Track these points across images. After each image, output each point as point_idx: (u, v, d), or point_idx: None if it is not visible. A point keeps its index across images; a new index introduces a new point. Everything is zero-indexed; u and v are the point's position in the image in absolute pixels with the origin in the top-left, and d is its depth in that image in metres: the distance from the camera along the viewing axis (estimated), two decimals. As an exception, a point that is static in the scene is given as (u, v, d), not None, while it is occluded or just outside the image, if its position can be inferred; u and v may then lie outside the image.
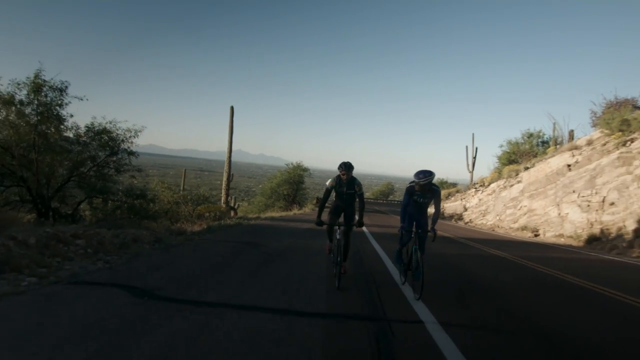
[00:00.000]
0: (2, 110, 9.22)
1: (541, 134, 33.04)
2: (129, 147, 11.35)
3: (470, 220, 32.03)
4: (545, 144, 32.90)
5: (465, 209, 34.80)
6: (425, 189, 5.84)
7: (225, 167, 27.01)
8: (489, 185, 32.17)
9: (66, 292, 4.84)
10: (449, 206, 38.87)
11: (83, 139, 10.61)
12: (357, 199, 6.34)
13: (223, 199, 25.94)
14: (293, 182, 34.81)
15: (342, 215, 6.42)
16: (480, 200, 32.16)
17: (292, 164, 35.93)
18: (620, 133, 17.95)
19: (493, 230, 25.28)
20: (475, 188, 35.00)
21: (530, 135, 33.24)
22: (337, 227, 6.21)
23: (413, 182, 5.93)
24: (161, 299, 4.74)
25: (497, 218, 27.67)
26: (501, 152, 34.58)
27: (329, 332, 4.01)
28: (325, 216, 6.40)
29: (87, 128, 10.63)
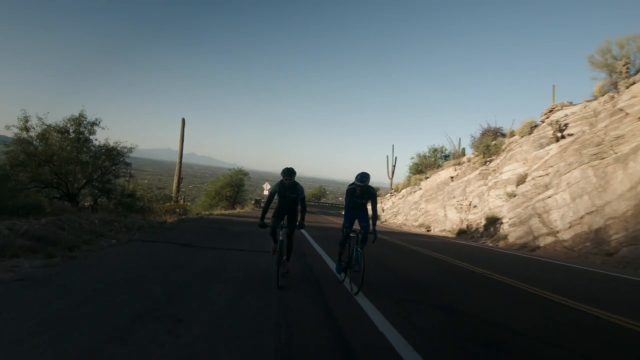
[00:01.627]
0: (55, 136, 13.20)
1: (443, 149, 40.13)
2: (125, 159, 15.55)
3: (385, 219, 38.36)
4: (447, 157, 40.02)
5: (383, 210, 41.19)
6: (364, 190, 6.33)
7: (176, 171, 30.88)
8: (400, 190, 38.73)
9: (143, 245, 9.45)
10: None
11: (99, 154, 14.65)
12: (299, 202, 6.58)
13: (174, 200, 29.89)
14: (235, 185, 39.22)
15: (285, 217, 6.62)
16: (393, 203, 38.60)
17: (234, 168, 40.40)
18: (482, 155, 24.66)
19: (401, 227, 31.49)
20: (391, 193, 41.50)
21: (435, 150, 40.26)
22: (280, 229, 6.42)
23: (354, 184, 6.40)
24: (194, 247, 9.54)
25: (405, 218, 34.09)
26: (412, 163, 41.33)
27: (271, 259, 9.00)
28: (269, 218, 6.69)
29: (100, 147, 14.73)
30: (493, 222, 20.72)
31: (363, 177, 6.22)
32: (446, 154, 40.36)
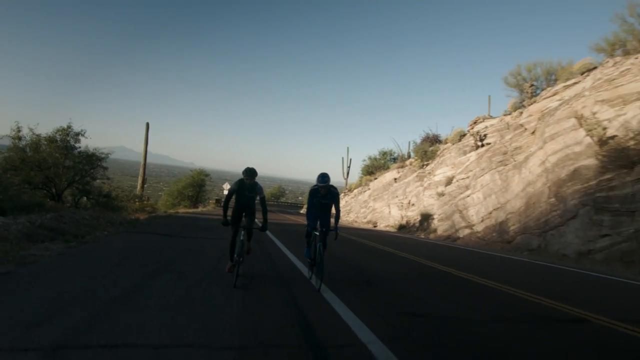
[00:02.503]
0: (45, 144, 15.07)
1: (392, 152, 43.66)
2: (102, 164, 17.52)
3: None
4: (395, 160, 43.54)
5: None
6: (326, 191, 6.54)
7: (141, 172, 32.60)
8: (353, 190, 41.94)
9: (132, 235, 11.77)
10: (326, 207, 48.20)
11: (80, 159, 16.56)
12: (260, 203, 6.74)
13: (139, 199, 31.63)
14: (196, 185, 41.10)
15: (244, 216, 6.77)
16: (346, 202, 41.72)
17: (195, 169, 42.29)
18: (421, 160, 28.11)
19: (352, 224, 34.56)
20: (345, 193, 44.64)
21: (384, 153, 43.73)
22: (242, 228, 6.53)
23: (317, 185, 6.58)
24: (174, 236, 11.96)
25: (356, 215, 37.25)
26: (363, 165, 44.61)
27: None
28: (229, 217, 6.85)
29: (81, 153, 16.64)
30: (427, 217, 24.06)
31: (324, 177, 6.47)
32: (395, 157, 43.91)
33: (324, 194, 6.60)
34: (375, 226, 30.72)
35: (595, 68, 17.01)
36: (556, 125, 15.46)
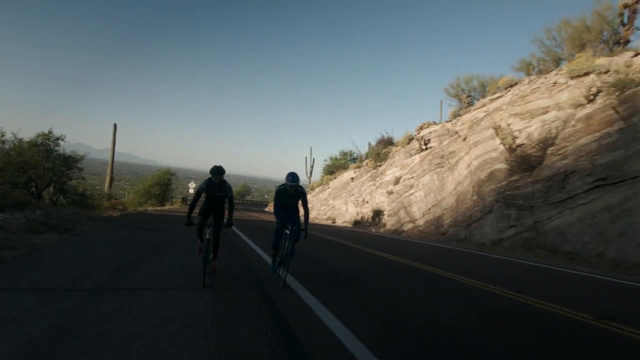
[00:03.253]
0: (27, 147, 16.46)
1: (352, 153, 46.21)
2: (77, 165, 18.97)
3: (301, 214, 43.62)
4: (355, 160, 46.10)
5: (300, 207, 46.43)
6: (294, 190, 6.47)
7: (108, 172, 33.70)
8: (315, 189, 44.24)
9: (114, 228, 13.57)
10: (290, 205, 50.39)
11: (59, 160, 17.95)
12: (227, 201, 6.59)
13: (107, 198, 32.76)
14: (163, 184, 42.33)
15: (212, 215, 6.58)
16: (309, 199, 43.79)
17: (162, 169, 43.52)
18: (374, 161, 30.71)
19: (312, 220, 36.76)
20: (308, 191, 46.86)
21: (345, 153, 46.22)
22: (207, 227, 6.34)
23: (284, 184, 6.50)
24: (150, 229, 13.84)
25: (317, 212, 39.57)
26: (325, 164, 46.97)
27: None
28: (196, 213, 6.72)
29: (59, 155, 18.03)
30: (378, 214, 26.62)
31: (294, 177, 6.38)
32: (354, 157, 46.46)
33: (291, 194, 6.53)
34: (334, 222, 33.11)
35: (515, 84, 19.94)
36: (479, 134, 18.24)
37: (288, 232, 6.47)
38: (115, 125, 33.94)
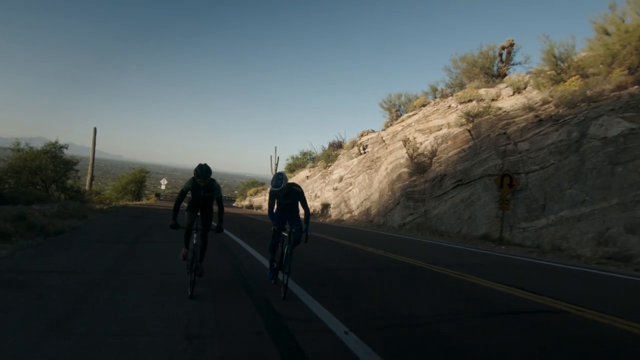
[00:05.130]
0: (39, 154, 20.86)
1: (312, 152, 51.40)
2: (74, 167, 23.40)
3: (265, 208, 48.69)
4: (313, 160, 51.32)
5: (265, 201, 51.42)
6: (285, 192, 5.85)
7: (89, 171, 37.78)
8: (277, 185, 49.33)
9: (115, 217, 18.36)
10: (257, 199, 55.32)
11: (62, 164, 22.35)
12: (216, 202, 6.10)
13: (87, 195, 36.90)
14: (138, 181, 46.51)
15: (199, 218, 6.10)
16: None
17: (137, 167, 47.72)
18: (325, 161, 36.10)
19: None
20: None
21: (305, 153, 51.40)
22: (195, 231, 5.87)
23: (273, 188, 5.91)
24: (143, 217, 18.73)
25: (278, 206, 44.70)
26: (287, 163, 52.04)
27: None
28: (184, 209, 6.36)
29: (62, 159, 22.42)
30: (326, 207, 31.99)
31: (278, 179, 5.80)
32: (313, 157, 51.68)
33: (286, 194, 5.98)
34: (291, 214, 38.31)
35: (426, 105, 25.63)
36: (394, 144, 23.83)
37: (286, 234, 5.94)
38: (95, 129, 37.96)
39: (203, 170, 5.64)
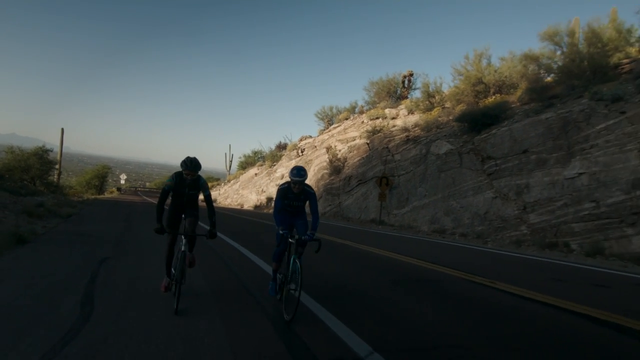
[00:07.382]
0: (30, 155, 25.48)
1: (262, 151, 57.09)
2: (54, 166, 28.03)
3: (220, 202, 54.07)
4: (264, 158, 57.02)
5: (219, 195, 56.71)
6: (300, 188, 5.15)
7: (58, 167, 41.95)
8: (230, 181, 54.79)
9: (95, 206, 23.62)
10: (213, 194, 60.59)
11: (46, 163, 26.98)
12: (205, 202, 5.38)
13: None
14: (101, 177, 50.69)
15: (184, 219, 5.44)
16: (225, 190, 54.43)
17: (100, 164, 51.83)
18: (271, 161, 42.11)
19: (228, 206, 47.43)
20: (225, 183, 57.21)
21: (256, 152, 57.04)
22: (184, 236, 5.14)
23: (287, 182, 5.25)
24: (119, 206, 24.10)
25: (231, 200, 50.25)
26: (240, 161, 57.51)
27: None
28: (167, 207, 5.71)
29: (47, 160, 27.01)
30: (270, 199, 38.01)
31: (299, 170, 5.07)
32: (263, 156, 57.37)
33: (298, 193, 5.19)
34: (242, 207, 44.04)
35: (347, 119, 32.15)
36: (320, 150, 30.21)
37: (293, 241, 4.91)
38: (62, 130, 42.10)
39: (193, 162, 5.03)
